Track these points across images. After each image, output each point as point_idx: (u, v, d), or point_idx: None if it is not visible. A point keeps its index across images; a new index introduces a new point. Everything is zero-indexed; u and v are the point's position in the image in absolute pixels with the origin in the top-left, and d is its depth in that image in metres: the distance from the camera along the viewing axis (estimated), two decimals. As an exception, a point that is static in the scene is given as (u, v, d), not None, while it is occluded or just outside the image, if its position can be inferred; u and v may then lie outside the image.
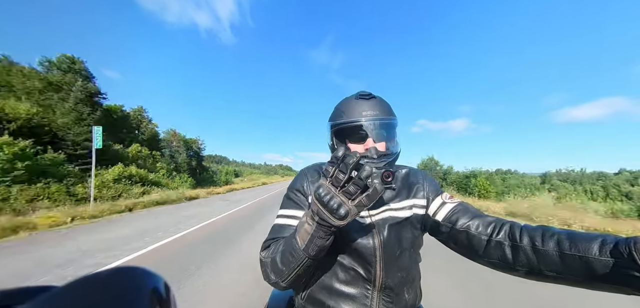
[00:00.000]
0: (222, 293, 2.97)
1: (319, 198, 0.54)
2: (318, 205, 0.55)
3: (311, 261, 0.59)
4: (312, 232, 0.57)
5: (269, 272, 0.65)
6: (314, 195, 0.56)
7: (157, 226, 6.59)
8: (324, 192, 0.54)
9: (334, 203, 0.53)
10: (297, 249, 0.59)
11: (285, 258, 0.61)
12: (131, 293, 0.17)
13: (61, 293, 0.16)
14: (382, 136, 0.76)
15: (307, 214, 0.60)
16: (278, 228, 0.74)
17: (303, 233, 0.59)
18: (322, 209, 0.54)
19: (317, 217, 0.56)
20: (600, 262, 0.48)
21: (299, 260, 0.59)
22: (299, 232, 0.60)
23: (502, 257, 0.63)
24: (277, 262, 0.63)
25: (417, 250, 0.80)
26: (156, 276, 0.20)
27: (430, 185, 0.82)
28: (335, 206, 0.53)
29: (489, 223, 0.68)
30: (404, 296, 0.72)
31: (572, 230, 0.56)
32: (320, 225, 0.56)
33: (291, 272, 0.61)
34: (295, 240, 0.60)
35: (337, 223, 0.54)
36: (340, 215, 0.53)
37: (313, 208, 0.56)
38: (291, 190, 0.81)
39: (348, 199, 0.54)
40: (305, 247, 0.58)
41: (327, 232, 0.57)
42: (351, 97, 0.79)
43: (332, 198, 0.53)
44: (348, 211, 0.53)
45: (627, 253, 0.44)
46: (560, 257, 0.53)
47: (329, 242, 0.59)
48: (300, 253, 0.59)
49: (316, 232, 0.57)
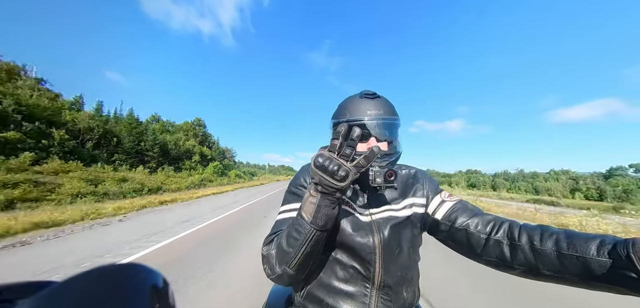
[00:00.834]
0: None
1: (318, 165, 0.55)
2: (318, 172, 0.55)
3: (319, 234, 0.58)
4: (318, 202, 0.57)
5: (274, 262, 0.63)
6: (313, 164, 0.56)
7: (258, 191, 17.69)
8: (321, 159, 0.55)
9: (333, 166, 0.53)
10: (304, 224, 0.58)
11: (292, 239, 0.60)
12: (131, 289, 0.18)
13: (61, 288, 0.16)
14: (385, 136, 0.74)
15: (309, 189, 0.60)
16: (281, 223, 0.73)
17: (308, 206, 0.58)
18: (323, 175, 0.55)
19: (320, 186, 0.56)
20: (598, 262, 0.47)
21: (306, 234, 0.58)
22: (303, 208, 0.60)
23: (500, 255, 0.62)
24: (283, 245, 0.61)
25: (417, 249, 0.79)
26: (156, 273, 0.20)
27: (430, 184, 0.82)
28: (336, 168, 0.53)
29: (488, 222, 0.68)
30: (402, 295, 0.72)
31: (571, 230, 0.56)
32: (324, 193, 0.56)
33: (298, 252, 0.59)
34: (301, 216, 0.59)
35: (339, 185, 0.54)
36: (341, 176, 0.53)
37: (314, 178, 0.57)
38: (293, 186, 0.80)
39: (346, 161, 0.55)
40: (313, 218, 0.57)
41: (332, 200, 0.57)
42: (356, 95, 0.78)
43: (330, 162, 0.54)
44: (347, 171, 0.54)
45: (625, 255, 0.44)
46: (558, 257, 0.53)
47: (335, 211, 0.58)
48: (307, 227, 0.58)
49: (322, 201, 0.57)
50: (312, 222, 0.57)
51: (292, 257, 0.60)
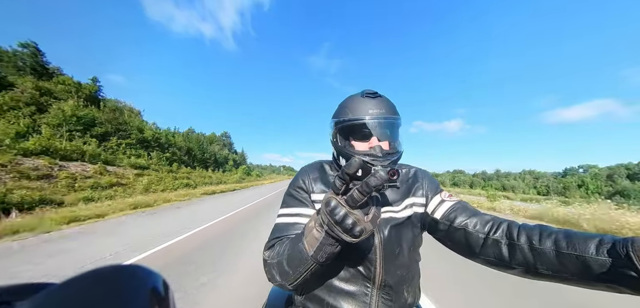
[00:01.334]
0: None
1: (331, 214, 0.51)
2: (330, 219, 0.51)
3: (319, 267, 0.58)
4: (322, 240, 0.54)
5: (275, 273, 0.63)
6: (325, 208, 0.52)
7: (277, 185, 29.82)
8: (337, 210, 0.50)
9: (348, 222, 0.49)
10: (305, 254, 0.57)
11: (292, 262, 0.59)
12: (130, 291, 0.17)
13: (60, 289, 0.16)
14: (386, 135, 0.74)
15: (315, 220, 0.57)
16: (281, 227, 0.72)
17: (311, 239, 0.56)
18: (336, 226, 0.51)
19: (327, 228, 0.53)
20: (597, 261, 0.47)
21: (306, 265, 0.57)
22: (306, 237, 0.57)
23: (499, 255, 0.62)
24: (284, 264, 0.61)
25: (417, 249, 0.79)
26: (155, 274, 0.20)
27: (430, 184, 0.81)
28: (350, 225, 0.49)
29: (487, 222, 0.67)
30: (403, 294, 0.71)
31: (569, 230, 0.55)
32: (329, 235, 0.53)
33: (298, 276, 0.59)
34: (303, 245, 0.57)
35: (350, 240, 0.51)
36: (355, 234, 0.50)
37: (323, 219, 0.53)
38: (293, 188, 0.79)
39: (364, 216, 0.51)
40: (314, 254, 0.55)
41: (336, 242, 0.54)
42: (357, 94, 0.77)
43: (346, 216, 0.50)
44: (363, 229, 0.50)
45: (624, 254, 0.44)
46: (557, 256, 0.52)
47: (338, 249, 0.56)
48: (308, 259, 0.57)
49: (325, 240, 0.54)
50: (312, 256, 0.56)
51: (292, 278, 0.60)
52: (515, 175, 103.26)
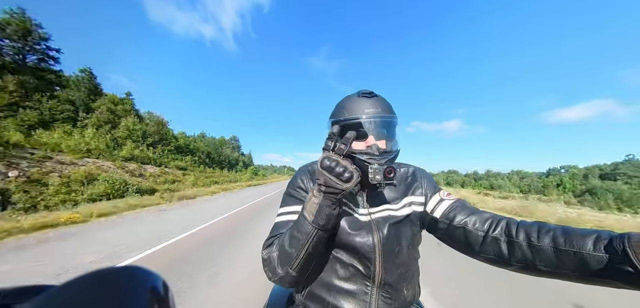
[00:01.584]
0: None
1: (324, 167, 0.59)
2: (325, 173, 0.59)
3: (321, 233, 0.60)
4: (320, 202, 0.59)
5: (276, 264, 0.64)
6: (320, 165, 0.60)
7: (284, 183, 35.74)
8: (328, 161, 0.60)
9: (339, 168, 0.58)
10: (306, 224, 0.60)
11: (294, 239, 0.61)
12: (130, 292, 0.18)
13: (60, 292, 0.16)
14: (383, 134, 0.74)
15: (312, 189, 0.63)
16: (280, 225, 0.74)
17: (310, 206, 0.61)
18: (329, 176, 0.58)
19: (324, 187, 0.59)
20: (594, 257, 0.48)
21: (308, 234, 0.60)
22: (306, 208, 0.62)
23: (498, 252, 0.63)
24: (285, 246, 0.63)
25: (416, 247, 0.80)
26: (155, 275, 0.20)
27: (428, 183, 0.82)
28: (341, 170, 0.58)
29: (486, 220, 0.68)
30: (402, 292, 0.72)
31: (567, 226, 0.56)
32: (327, 194, 0.59)
33: (300, 253, 0.61)
34: (303, 216, 0.62)
35: (343, 186, 0.58)
36: (346, 177, 0.58)
37: (319, 179, 0.60)
38: (291, 188, 0.81)
39: (351, 163, 0.60)
40: (314, 218, 0.59)
41: (333, 201, 0.60)
42: (353, 94, 0.78)
43: (337, 164, 0.59)
44: (352, 173, 0.58)
45: (621, 249, 0.44)
46: (555, 253, 0.53)
47: (336, 211, 0.61)
48: (309, 227, 0.60)
49: (324, 201, 0.59)
50: (313, 222, 0.59)
51: (294, 257, 0.61)
52: (503, 175, 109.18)
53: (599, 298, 2.78)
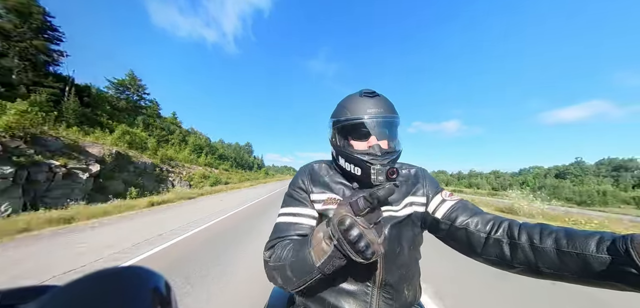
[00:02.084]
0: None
1: (345, 234, 0.50)
2: (343, 241, 0.50)
3: (323, 277, 0.58)
4: (330, 253, 0.54)
5: (276, 275, 0.63)
6: (338, 226, 0.51)
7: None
8: (353, 229, 0.50)
9: (362, 244, 0.49)
10: (311, 264, 0.57)
11: (297, 270, 0.59)
12: (132, 292, 0.18)
13: (63, 292, 0.16)
14: (385, 134, 0.73)
15: (324, 232, 0.56)
16: (282, 227, 0.72)
17: (319, 251, 0.56)
18: (348, 247, 0.50)
19: (337, 244, 0.52)
20: (598, 259, 0.47)
21: (312, 274, 0.57)
22: (313, 248, 0.57)
23: (500, 254, 0.62)
24: (287, 270, 0.61)
25: (417, 248, 0.78)
26: (158, 275, 0.20)
27: (430, 183, 0.81)
28: (363, 247, 0.49)
29: (488, 221, 0.67)
30: (403, 293, 0.71)
31: (570, 228, 0.55)
32: (338, 251, 0.53)
33: (302, 284, 0.59)
34: (310, 255, 0.57)
35: (358, 260, 0.50)
36: (367, 257, 0.49)
37: (334, 234, 0.52)
38: (292, 188, 0.79)
39: (377, 237, 0.51)
40: (321, 266, 0.55)
41: (344, 257, 0.54)
42: (355, 94, 0.77)
43: (361, 238, 0.49)
44: (375, 252, 0.49)
45: (624, 251, 0.44)
46: (557, 255, 0.52)
47: (345, 263, 0.56)
48: (314, 270, 0.56)
49: (335, 253, 0.54)
50: (319, 268, 0.56)
51: (294, 284, 0.60)
52: (483, 175, 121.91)
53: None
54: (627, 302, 2.64)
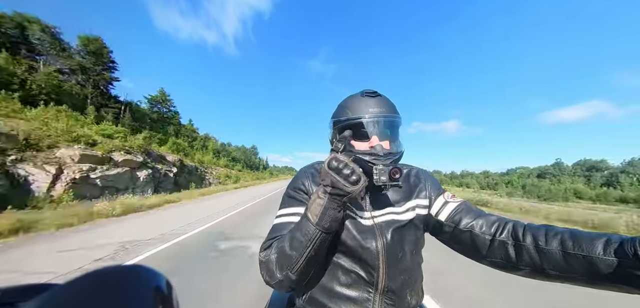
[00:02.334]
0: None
1: (332, 168, 0.57)
2: (332, 174, 0.56)
3: (324, 236, 0.58)
4: (325, 204, 0.57)
5: (274, 267, 0.61)
6: (327, 165, 0.58)
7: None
8: (336, 162, 0.57)
9: (347, 170, 0.56)
10: (309, 225, 0.58)
11: (296, 241, 0.59)
12: (133, 291, 0.18)
13: (64, 290, 0.16)
14: (386, 135, 0.73)
15: (317, 190, 0.60)
16: (279, 227, 0.70)
17: (315, 207, 0.59)
18: (337, 177, 0.56)
19: (330, 188, 0.57)
20: (605, 261, 0.46)
21: (311, 236, 0.58)
22: (310, 209, 0.60)
23: (506, 256, 0.61)
24: (285, 249, 0.60)
25: (420, 251, 0.77)
26: (159, 274, 0.20)
27: (432, 185, 0.80)
28: (349, 172, 0.56)
29: (493, 223, 0.66)
30: (406, 298, 0.70)
31: (575, 229, 0.55)
32: (332, 196, 0.57)
33: (302, 255, 0.58)
34: (307, 217, 0.59)
35: (350, 189, 0.55)
36: (353, 180, 0.55)
37: (325, 180, 0.58)
38: (292, 189, 0.78)
39: (358, 167, 0.58)
40: (319, 220, 0.57)
41: (339, 203, 0.57)
42: (356, 94, 0.76)
43: (345, 166, 0.56)
44: (359, 176, 0.56)
45: (632, 253, 0.43)
46: (563, 257, 0.52)
47: (341, 214, 0.58)
48: (312, 228, 0.58)
49: (329, 203, 0.57)
50: (317, 224, 0.57)
51: (295, 260, 0.59)
52: (474, 175, 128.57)
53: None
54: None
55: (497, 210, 11.69)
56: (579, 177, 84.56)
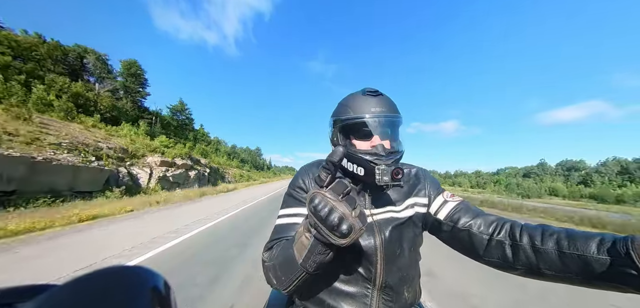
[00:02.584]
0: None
1: (314, 211, 0.48)
2: (315, 219, 0.48)
3: (309, 276, 0.55)
4: (310, 247, 0.51)
5: (271, 276, 0.62)
6: (309, 207, 0.49)
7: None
8: (321, 204, 0.47)
9: (334, 217, 0.46)
10: (295, 262, 0.54)
11: (284, 269, 0.58)
12: (132, 292, 0.17)
13: (62, 291, 0.16)
14: (387, 134, 0.73)
15: (304, 225, 0.54)
16: (281, 229, 0.70)
17: (300, 245, 0.54)
18: (320, 225, 0.48)
19: (315, 231, 0.50)
20: (598, 260, 0.47)
21: (297, 273, 0.55)
22: (296, 243, 0.55)
23: (503, 256, 0.61)
24: (277, 270, 0.59)
25: (418, 249, 0.77)
26: (157, 275, 0.20)
27: (432, 184, 0.80)
28: (336, 221, 0.46)
29: (490, 223, 0.66)
30: (403, 295, 0.70)
31: (571, 229, 0.55)
32: (318, 240, 0.51)
33: (290, 283, 0.57)
34: (294, 252, 0.55)
35: (339, 242, 0.47)
36: (343, 232, 0.46)
37: (310, 221, 0.50)
38: (292, 188, 0.77)
39: (351, 210, 0.47)
40: (303, 262, 0.53)
41: (326, 249, 0.51)
42: (358, 93, 0.75)
43: (331, 211, 0.47)
44: (351, 227, 0.46)
45: (625, 252, 0.44)
46: (559, 256, 0.52)
47: (329, 257, 0.52)
48: (297, 267, 0.54)
49: (314, 247, 0.51)
50: (302, 264, 0.53)
51: (285, 284, 0.58)
52: (467, 174, 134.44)
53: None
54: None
55: (470, 201, 18.75)
56: (560, 176, 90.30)
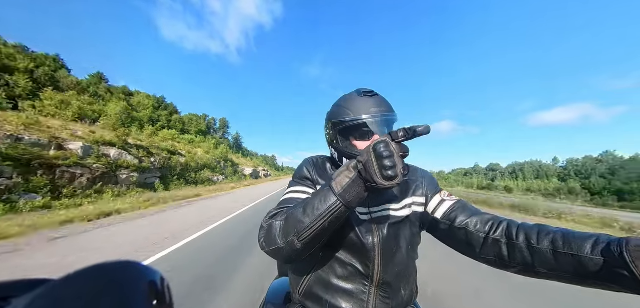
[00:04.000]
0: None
1: (376, 149, 0.49)
2: (373, 157, 0.50)
3: (343, 211, 0.54)
4: (353, 178, 0.52)
5: (277, 233, 0.58)
6: (372, 146, 0.50)
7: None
8: (384, 148, 0.49)
9: (389, 162, 0.48)
10: (331, 195, 0.54)
11: (311, 208, 0.55)
12: (128, 286, 0.17)
13: (58, 285, 0.16)
14: (386, 133, 0.69)
15: (348, 164, 0.55)
16: (288, 201, 0.69)
17: (342, 178, 0.54)
18: (374, 163, 0.49)
19: (362, 166, 0.51)
20: (592, 260, 0.47)
21: (330, 206, 0.53)
22: (335, 179, 0.55)
23: (499, 254, 0.61)
24: (298, 214, 0.56)
25: (415, 248, 0.77)
26: (153, 270, 0.20)
27: (429, 183, 0.79)
28: (390, 165, 0.48)
29: (487, 221, 0.66)
30: (400, 292, 0.70)
31: (567, 229, 0.55)
32: (361, 175, 0.52)
33: (315, 223, 0.54)
34: (330, 186, 0.55)
35: (382, 183, 0.49)
36: (388, 175, 0.48)
37: (363, 156, 0.51)
38: (297, 177, 0.77)
39: (402, 165, 0.49)
40: (343, 192, 0.53)
41: (365, 186, 0.52)
42: (353, 94, 0.74)
43: (390, 157, 0.48)
44: (396, 175, 0.48)
45: (618, 254, 0.44)
46: (554, 255, 0.52)
47: (366, 195, 0.53)
48: (333, 198, 0.53)
49: (357, 180, 0.52)
50: (341, 195, 0.53)
51: (307, 227, 0.54)
52: (453, 172, 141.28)
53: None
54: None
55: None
56: (487, 175, 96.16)
